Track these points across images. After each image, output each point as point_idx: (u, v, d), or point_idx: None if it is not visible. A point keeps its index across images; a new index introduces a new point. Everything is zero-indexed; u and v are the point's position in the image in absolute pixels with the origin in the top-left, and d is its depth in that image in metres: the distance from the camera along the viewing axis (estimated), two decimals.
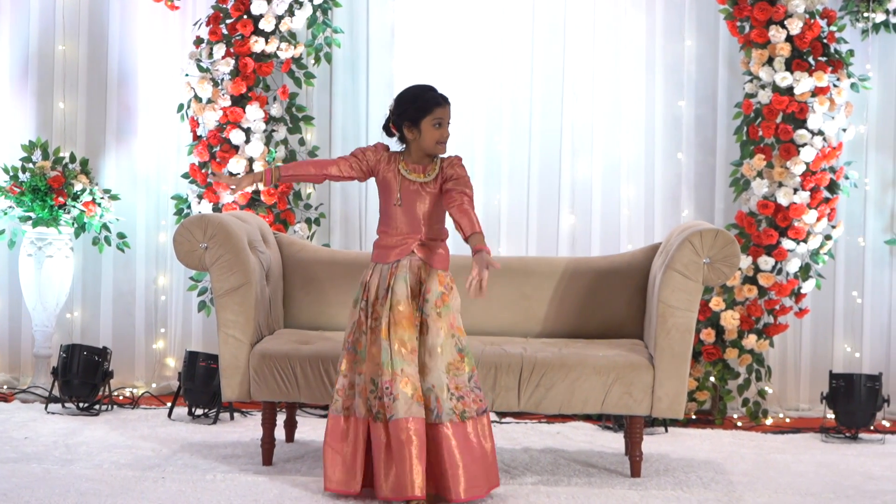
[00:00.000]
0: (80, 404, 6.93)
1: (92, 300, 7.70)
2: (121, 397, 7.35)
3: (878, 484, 5.68)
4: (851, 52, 7.04)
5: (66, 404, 6.95)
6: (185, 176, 7.32)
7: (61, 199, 7.22)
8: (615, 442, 6.38)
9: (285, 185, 7.17)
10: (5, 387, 7.59)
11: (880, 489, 5.57)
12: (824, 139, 6.96)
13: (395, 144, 5.26)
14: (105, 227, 7.41)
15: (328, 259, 6.37)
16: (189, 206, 7.30)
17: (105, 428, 6.50)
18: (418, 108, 5.12)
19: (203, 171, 7.18)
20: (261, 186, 7.04)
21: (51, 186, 7.19)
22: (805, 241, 7.00)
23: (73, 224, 7.33)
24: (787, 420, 7.17)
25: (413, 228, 5.17)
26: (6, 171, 7.34)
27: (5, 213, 7.36)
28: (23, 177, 7.30)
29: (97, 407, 6.92)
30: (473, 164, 7.47)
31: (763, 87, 7.02)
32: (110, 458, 5.83)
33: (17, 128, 7.74)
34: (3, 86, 7.77)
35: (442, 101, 5.15)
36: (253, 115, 7.14)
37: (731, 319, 6.97)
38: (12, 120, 7.76)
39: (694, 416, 7.02)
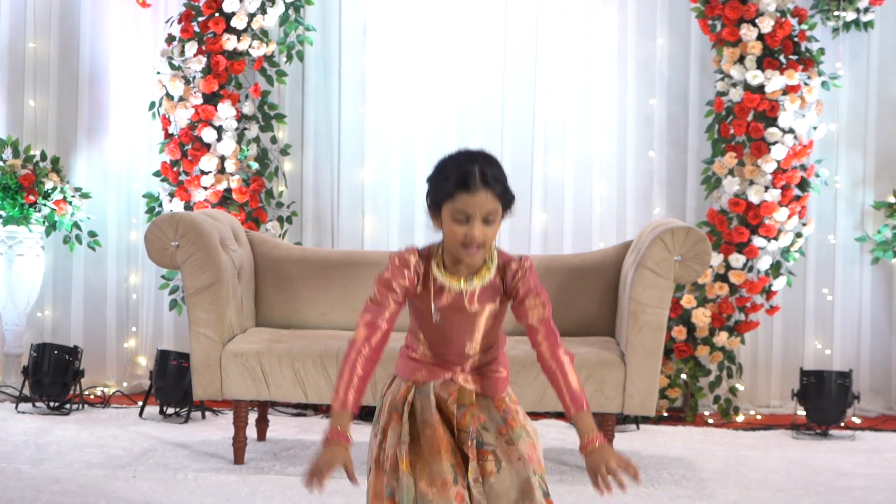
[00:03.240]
0: (51, 403, 6.90)
1: (63, 299, 7.67)
2: (92, 396, 7.32)
3: (848, 480, 5.71)
4: (822, 51, 7.07)
5: (37, 403, 6.93)
6: (157, 174, 7.30)
7: (32, 198, 7.19)
8: None
9: (256, 182, 7.17)
10: None
11: (850, 485, 5.60)
12: (795, 137, 6.99)
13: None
14: (76, 225, 7.39)
15: (300, 257, 6.36)
16: (160, 205, 7.28)
17: (76, 427, 6.48)
18: (437, 189, 3.41)
19: (174, 168, 7.17)
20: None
21: (21, 185, 7.16)
22: (776, 238, 7.02)
23: (43, 222, 7.30)
24: (758, 417, 7.19)
25: (456, 354, 3.49)
26: None
27: None
28: None
29: (68, 406, 6.90)
30: None
31: (734, 85, 7.05)
32: (81, 457, 5.81)
33: None
34: None
35: (471, 185, 3.32)
36: (225, 112, 7.13)
37: (702, 317, 6.99)
38: None
39: (665, 414, 7.04)
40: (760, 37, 6.95)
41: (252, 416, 6.34)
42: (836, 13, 7.14)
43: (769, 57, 6.96)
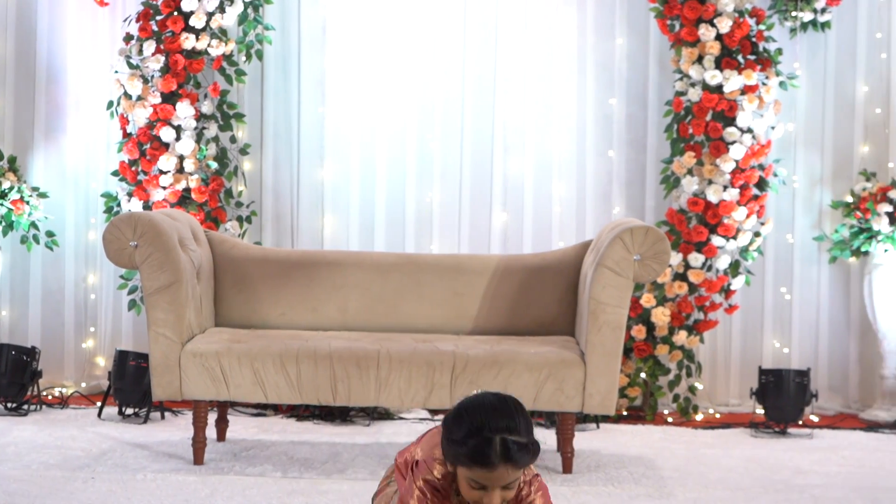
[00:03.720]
0: (9, 404, 6.85)
1: (20, 299, 7.61)
2: (50, 397, 7.27)
3: (807, 478, 5.74)
4: (780, 51, 7.11)
5: None
6: (115, 173, 7.26)
7: None
8: (547, 438, 6.40)
9: (216, 182, 7.14)
10: None
11: (808, 483, 5.63)
12: (753, 137, 7.02)
13: None
14: (34, 225, 7.34)
15: (260, 257, 6.34)
16: (119, 204, 7.24)
17: (34, 428, 6.43)
18: (452, 452, 3.19)
19: (133, 168, 7.14)
20: None
21: None
22: (734, 238, 7.05)
23: (0, 222, 7.25)
24: (717, 416, 7.22)
25: None
26: None
27: None
28: None
29: (25, 407, 6.85)
30: (406, 162, 7.47)
31: (693, 85, 7.07)
32: (39, 458, 5.77)
33: None
34: None
35: (489, 463, 3.12)
36: (183, 112, 7.09)
37: (661, 316, 7.01)
38: None
39: (625, 413, 7.06)
40: (719, 37, 6.98)
41: (212, 417, 6.32)
42: (793, 14, 7.18)
43: (727, 57, 6.99)
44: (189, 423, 6.22)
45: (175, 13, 7.10)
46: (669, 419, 7.09)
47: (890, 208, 7.02)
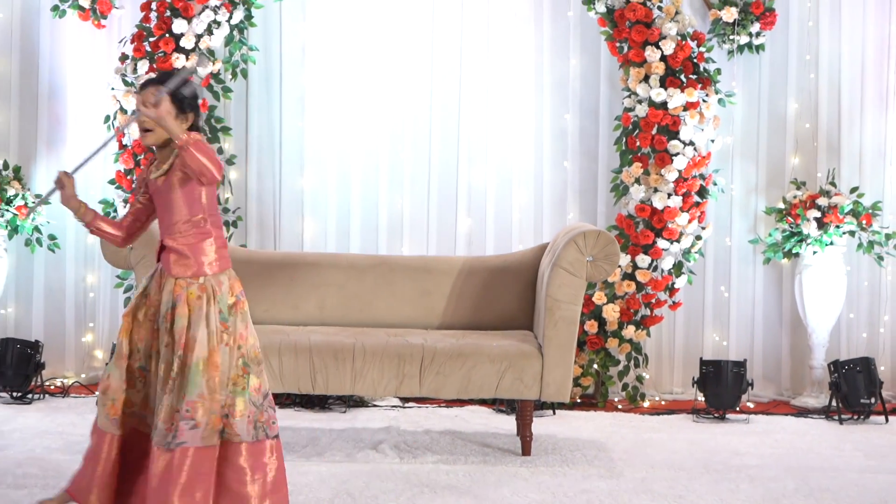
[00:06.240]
0: (14, 394, 6.82)
1: (25, 297, 7.57)
2: (52, 387, 7.24)
3: (744, 459, 5.78)
4: (719, 71, 7.14)
5: (0, 394, 6.85)
6: (112, 182, 7.24)
7: None
8: (508, 424, 6.42)
9: None
10: None
11: (745, 464, 5.67)
12: (695, 149, 7.05)
13: None
14: (37, 229, 7.31)
15: (245, 258, 6.34)
16: (115, 210, 7.21)
17: (37, 416, 6.41)
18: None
19: (128, 177, 7.12)
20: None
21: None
22: (678, 240, 7.08)
23: (6, 226, 7.22)
24: (663, 402, 7.25)
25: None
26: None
27: None
28: None
29: (30, 396, 6.83)
30: (378, 171, 7.48)
31: (640, 101, 7.10)
32: (42, 443, 5.75)
33: None
34: None
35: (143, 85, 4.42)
36: None
37: (612, 312, 7.04)
38: None
39: (579, 400, 7.07)
40: (663, 58, 7.01)
41: None
42: (730, 37, 7.22)
43: (671, 76, 7.02)
44: None
45: (166, 35, 7.08)
46: (619, 406, 7.11)
47: (818, 214, 7.06)
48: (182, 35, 7.07)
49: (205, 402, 4.18)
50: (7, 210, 7.16)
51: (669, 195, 7.02)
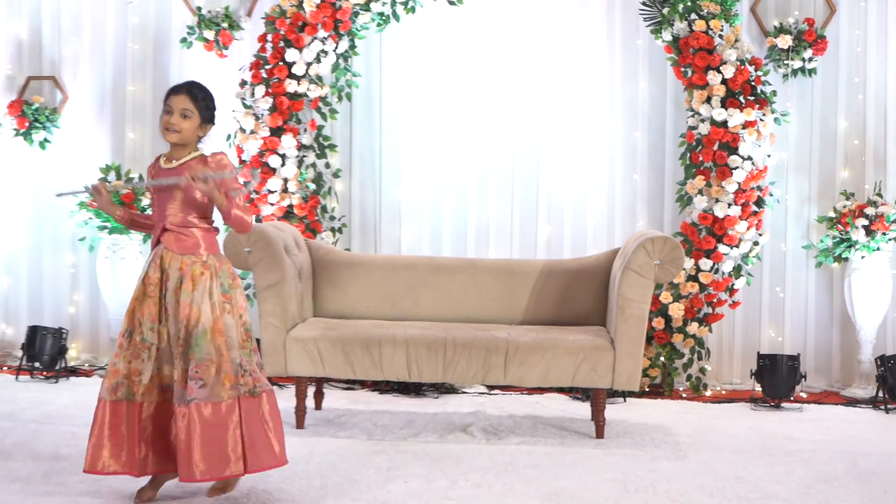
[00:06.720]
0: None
1: None
2: None
3: (797, 444, 5.71)
4: (774, 93, 7.07)
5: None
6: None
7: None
8: (583, 410, 6.41)
9: (313, 200, 7.20)
10: (87, 364, 7.60)
11: (798, 448, 5.61)
12: (753, 163, 6.99)
13: None
14: None
15: (349, 261, 6.39)
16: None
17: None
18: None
19: (246, 188, 7.19)
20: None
21: (123, 202, 7.20)
22: (737, 246, 7.03)
23: (129, 233, 7.34)
24: (723, 392, 7.19)
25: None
26: (87, 189, 7.34)
27: (86, 223, 7.39)
28: None
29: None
30: (467, 183, 7.51)
31: (703, 120, 7.05)
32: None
33: (95, 154, 7.77)
34: (85, 119, 7.79)
35: (176, 89, 4.53)
36: (287, 143, 7.16)
37: (677, 310, 7.00)
38: (91, 147, 7.78)
39: (647, 389, 7.05)
40: (724, 81, 6.96)
41: (310, 390, 6.38)
42: (785, 62, 7.15)
43: (731, 97, 6.96)
44: (292, 394, 6.27)
45: (280, 63, 7.17)
46: (683, 395, 7.06)
47: (866, 222, 6.97)
48: (294, 63, 7.15)
49: (212, 364, 4.21)
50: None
51: (729, 205, 6.97)
